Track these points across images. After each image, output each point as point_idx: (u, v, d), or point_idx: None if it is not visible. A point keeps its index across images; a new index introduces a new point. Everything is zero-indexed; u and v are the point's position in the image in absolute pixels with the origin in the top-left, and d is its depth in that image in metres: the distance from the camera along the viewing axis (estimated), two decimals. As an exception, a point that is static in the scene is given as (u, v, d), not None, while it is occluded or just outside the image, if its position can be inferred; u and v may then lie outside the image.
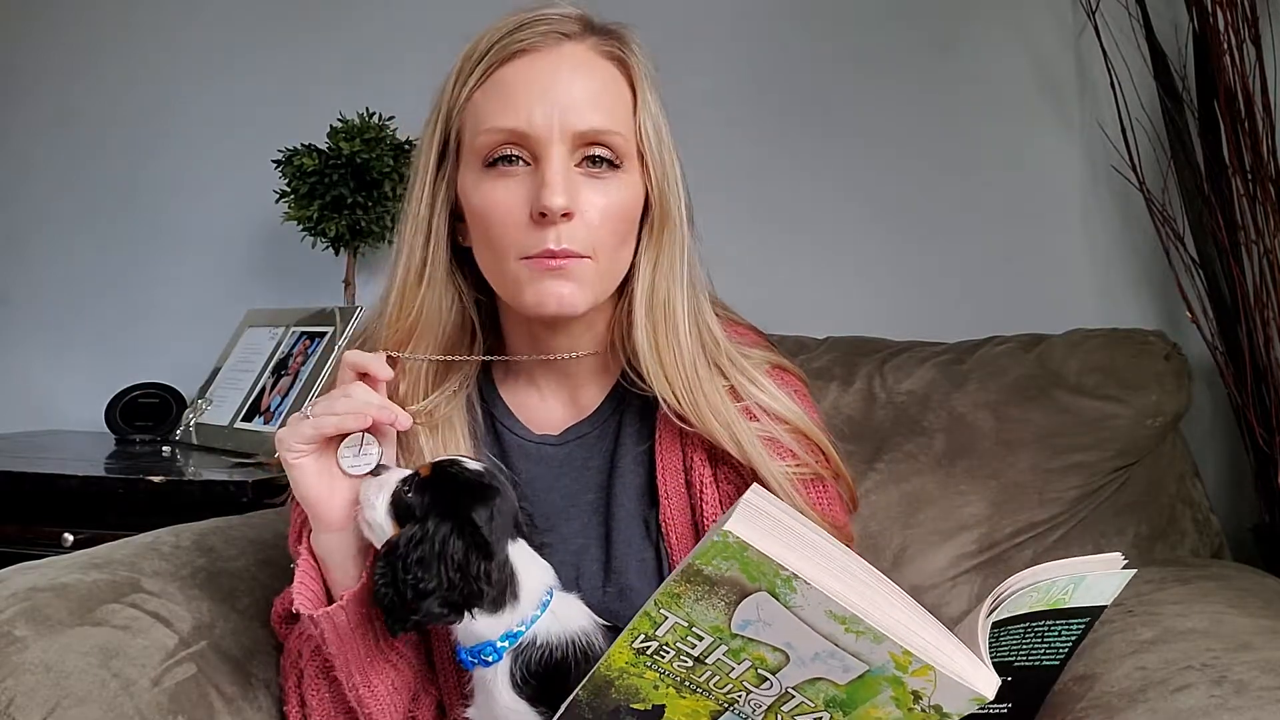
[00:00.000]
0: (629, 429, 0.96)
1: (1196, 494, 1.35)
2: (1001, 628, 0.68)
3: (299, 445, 0.82)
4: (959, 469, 1.28)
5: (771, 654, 0.63)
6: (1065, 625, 0.70)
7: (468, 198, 0.88)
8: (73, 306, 2.17)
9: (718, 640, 0.63)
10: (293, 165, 1.75)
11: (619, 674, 0.66)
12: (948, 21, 1.68)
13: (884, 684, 0.62)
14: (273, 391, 1.72)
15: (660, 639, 0.64)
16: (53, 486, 1.53)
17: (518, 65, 0.85)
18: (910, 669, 0.61)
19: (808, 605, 0.60)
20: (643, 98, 0.88)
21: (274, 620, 0.98)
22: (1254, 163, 1.43)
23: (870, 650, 0.61)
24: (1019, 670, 0.71)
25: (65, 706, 0.86)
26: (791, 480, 0.90)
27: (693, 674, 0.65)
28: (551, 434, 0.97)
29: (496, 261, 0.87)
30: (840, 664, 0.62)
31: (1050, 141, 1.65)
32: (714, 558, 0.60)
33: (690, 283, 0.91)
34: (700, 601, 0.62)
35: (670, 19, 1.65)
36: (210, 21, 2.07)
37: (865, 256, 1.72)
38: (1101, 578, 0.69)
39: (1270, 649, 0.89)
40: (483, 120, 0.85)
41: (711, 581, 0.61)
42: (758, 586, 0.60)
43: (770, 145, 1.75)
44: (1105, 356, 1.31)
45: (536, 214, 0.83)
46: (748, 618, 0.62)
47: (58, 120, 2.17)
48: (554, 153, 0.83)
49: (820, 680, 0.63)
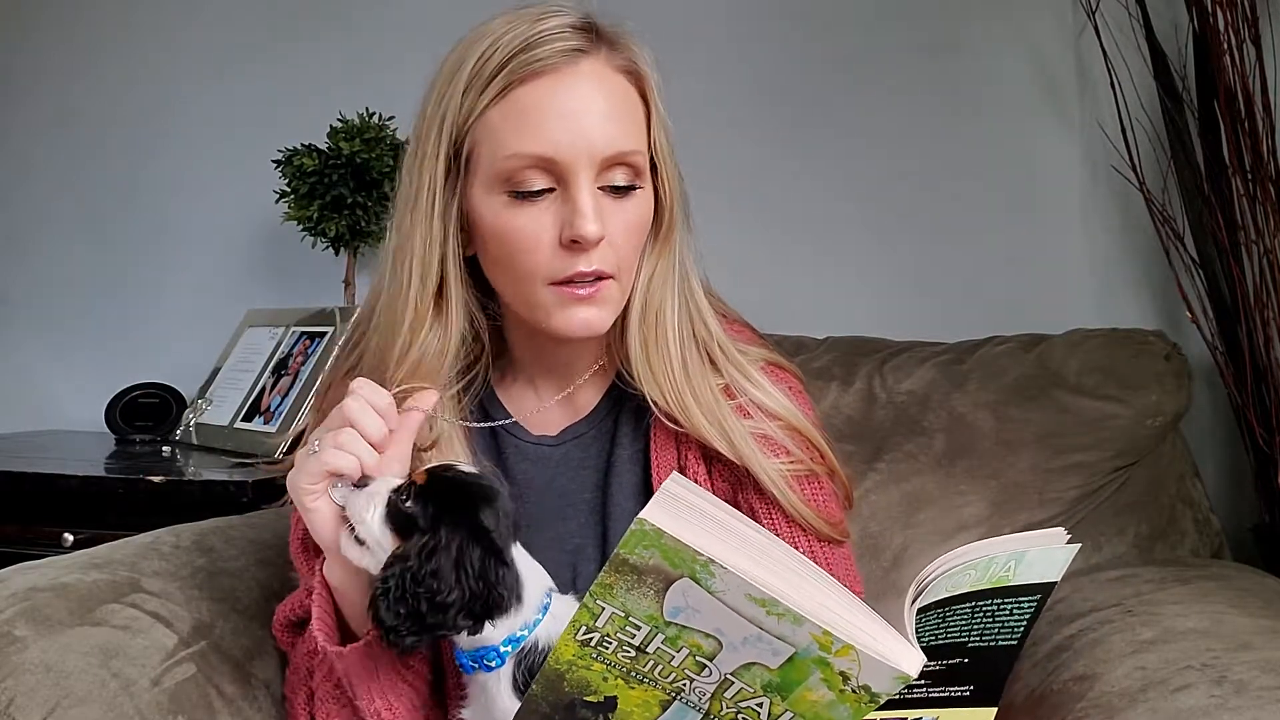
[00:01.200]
0: (625, 428, 0.95)
1: (1196, 494, 1.35)
2: (946, 607, 0.68)
3: (311, 486, 0.79)
4: (959, 469, 1.28)
5: (705, 640, 0.64)
6: (1016, 604, 0.70)
7: (481, 214, 0.86)
8: (73, 306, 2.17)
9: (654, 629, 0.64)
10: (293, 165, 1.75)
11: (568, 667, 0.67)
12: (948, 22, 1.68)
13: (812, 665, 0.63)
14: (273, 391, 1.72)
15: (601, 630, 0.65)
16: (53, 486, 1.53)
17: (538, 87, 0.83)
18: (833, 649, 0.62)
19: (728, 590, 0.61)
20: (655, 109, 0.89)
21: (276, 628, 0.97)
22: (1254, 163, 1.43)
23: (793, 632, 0.62)
24: (974, 650, 0.71)
25: (65, 706, 0.86)
26: (786, 477, 0.89)
27: (637, 664, 0.66)
28: (548, 434, 0.97)
29: (520, 285, 0.86)
30: (769, 647, 0.63)
31: (1050, 141, 1.65)
32: (636, 546, 0.61)
33: (682, 279, 0.91)
34: (632, 591, 0.63)
35: (671, 19, 1.65)
36: (210, 22, 2.07)
37: (865, 256, 1.72)
38: (1044, 553, 0.69)
39: (1270, 649, 0.89)
40: (505, 144, 0.83)
41: (638, 570, 0.62)
42: (680, 573, 0.61)
43: (770, 145, 1.75)
44: (1105, 356, 1.31)
45: (568, 240, 0.83)
46: (677, 605, 0.63)
47: (58, 120, 2.17)
48: (582, 179, 0.83)
49: (754, 665, 0.64)
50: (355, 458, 0.78)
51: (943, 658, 0.70)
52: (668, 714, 0.69)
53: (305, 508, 0.80)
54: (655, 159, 0.88)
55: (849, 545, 0.95)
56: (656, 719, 0.69)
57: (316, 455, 0.79)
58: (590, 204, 0.82)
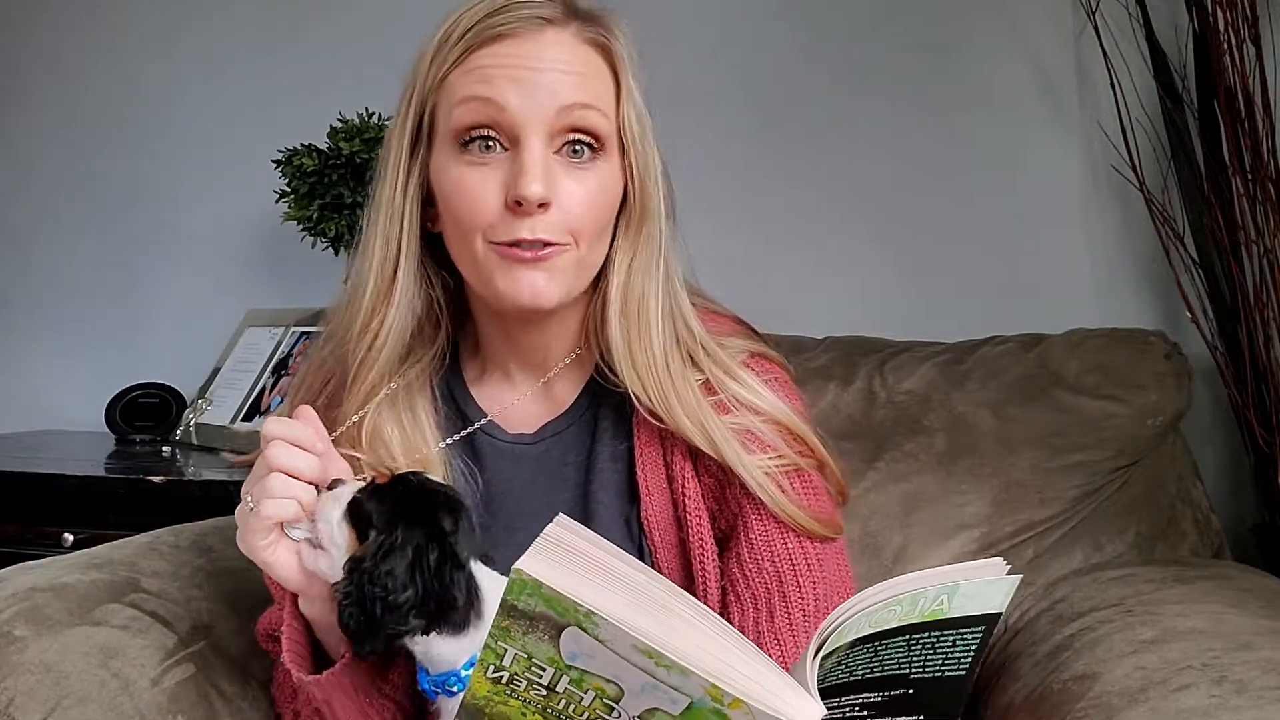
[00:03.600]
0: (606, 424, 0.93)
1: (1196, 494, 1.35)
2: (877, 641, 0.66)
3: (263, 542, 0.79)
4: (959, 469, 1.28)
5: (607, 684, 0.62)
6: (958, 635, 0.67)
7: (439, 180, 0.85)
8: (73, 307, 2.17)
9: (558, 671, 0.62)
10: (293, 165, 1.74)
11: (485, 702, 0.65)
12: (948, 22, 1.68)
13: (710, 715, 0.61)
14: (273, 391, 1.73)
15: (509, 669, 0.63)
16: (53, 486, 1.53)
17: (497, 48, 0.82)
18: (725, 702, 0.59)
19: (614, 639, 0.59)
20: (626, 86, 0.86)
21: (260, 634, 0.97)
22: (1254, 163, 1.43)
23: (683, 682, 0.59)
24: (918, 681, 0.68)
25: (65, 706, 0.86)
26: (771, 474, 0.87)
27: (550, 702, 0.64)
28: (525, 432, 0.95)
29: (465, 246, 0.85)
30: (666, 696, 0.61)
31: (1050, 141, 1.65)
32: (520, 594, 0.59)
33: (666, 278, 0.89)
34: (528, 635, 0.61)
35: (671, 19, 1.65)
36: (210, 22, 2.06)
37: (865, 256, 1.72)
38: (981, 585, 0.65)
39: (1270, 649, 0.89)
40: (457, 96, 0.83)
41: (529, 616, 0.59)
42: (566, 622, 0.59)
43: (769, 145, 1.75)
44: (1105, 356, 1.30)
45: (512, 201, 0.81)
46: (572, 650, 0.61)
47: (58, 121, 2.17)
48: (532, 139, 0.81)
49: (657, 711, 0.62)
50: (293, 500, 0.77)
51: (884, 689, 0.68)
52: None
53: (264, 563, 0.80)
54: (623, 138, 0.86)
55: (842, 541, 0.92)
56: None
57: (255, 512, 0.78)
58: (537, 164, 0.81)
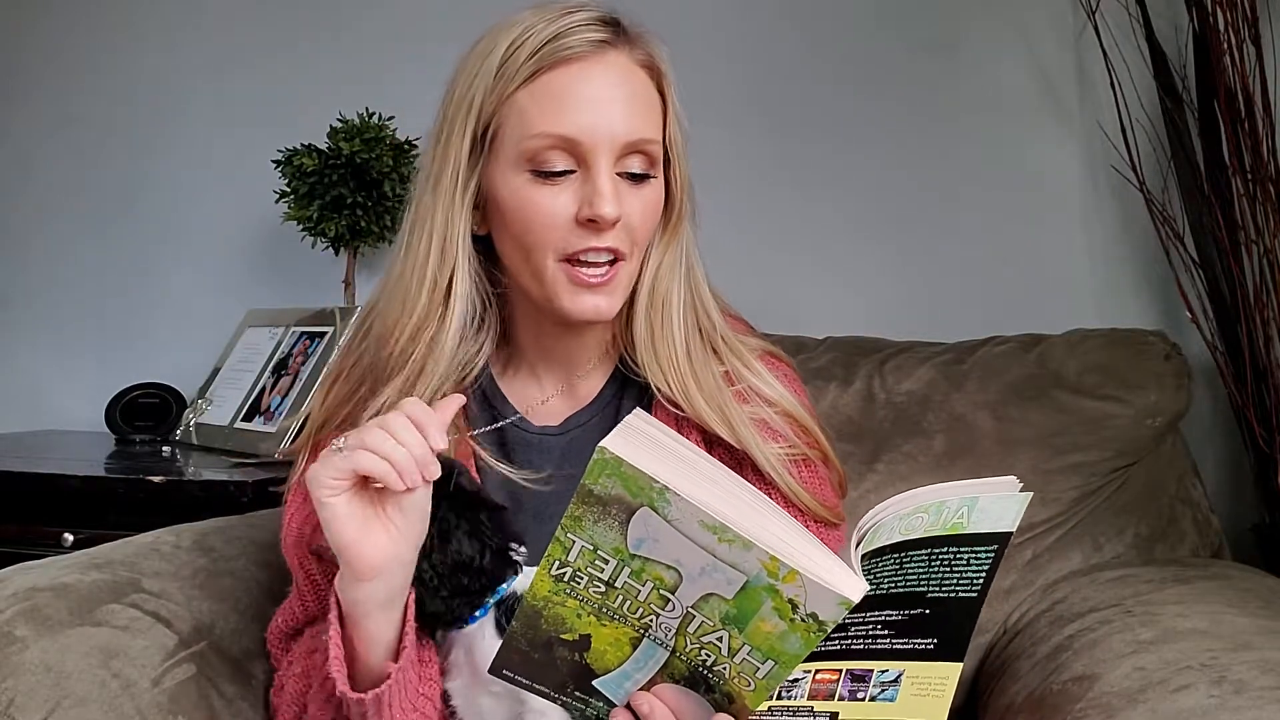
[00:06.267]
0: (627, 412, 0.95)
1: (1196, 494, 1.35)
2: (903, 552, 0.70)
3: (332, 481, 0.76)
4: (959, 469, 1.28)
5: (667, 572, 0.67)
6: (972, 553, 0.71)
7: (500, 192, 0.89)
8: (73, 307, 2.17)
9: (621, 562, 0.67)
10: (293, 165, 1.75)
11: (544, 603, 0.70)
12: (948, 22, 1.68)
13: (764, 594, 0.66)
14: (273, 391, 1.73)
15: (573, 565, 0.68)
16: (53, 486, 1.53)
17: (567, 73, 0.87)
18: (781, 575, 0.64)
19: (683, 517, 0.64)
20: (672, 104, 0.93)
21: (272, 635, 0.96)
22: (1254, 163, 1.43)
23: (743, 559, 0.65)
24: (934, 601, 0.72)
25: (65, 707, 0.86)
26: (783, 461, 0.93)
27: (607, 599, 0.69)
28: (551, 425, 0.98)
29: (531, 260, 0.89)
30: (724, 577, 0.66)
31: (1050, 141, 1.65)
32: (599, 476, 0.64)
33: (688, 270, 0.96)
34: (599, 523, 0.66)
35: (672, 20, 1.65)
36: (211, 22, 2.06)
37: (865, 257, 1.72)
38: (996, 500, 0.70)
39: (1270, 649, 0.89)
40: (532, 124, 0.87)
41: (603, 501, 0.65)
42: (640, 502, 0.65)
43: (769, 145, 1.75)
44: (1105, 356, 1.31)
45: (585, 219, 0.86)
46: (639, 535, 0.66)
47: (58, 121, 2.17)
48: (602, 163, 0.87)
49: (712, 596, 0.67)
50: (386, 462, 0.74)
51: (903, 607, 0.72)
52: (638, 652, 0.72)
53: (320, 502, 0.77)
54: (669, 152, 0.93)
55: (844, 528, 0.97)
56: (628, 657, 0.72)
57: (346, 455, 0.76)
58: (610, 186, 0.86)
